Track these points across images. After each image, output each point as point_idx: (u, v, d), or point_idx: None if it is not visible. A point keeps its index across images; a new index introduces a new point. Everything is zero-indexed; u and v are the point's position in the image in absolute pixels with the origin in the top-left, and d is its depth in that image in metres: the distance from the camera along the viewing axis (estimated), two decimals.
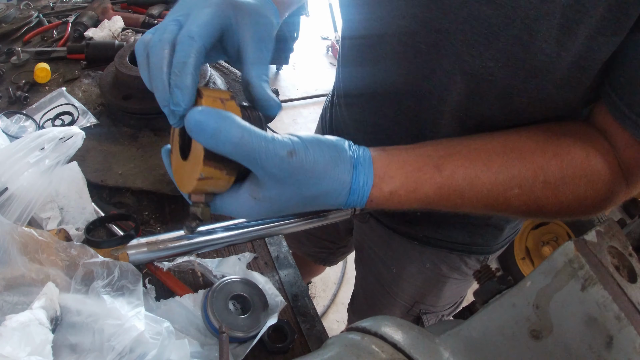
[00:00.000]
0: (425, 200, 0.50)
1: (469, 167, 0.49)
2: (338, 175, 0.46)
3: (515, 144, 0.52)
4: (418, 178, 0.49)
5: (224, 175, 0.44)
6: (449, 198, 0.50)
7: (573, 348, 0.30)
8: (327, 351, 0.38)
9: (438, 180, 0.49)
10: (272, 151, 0.42)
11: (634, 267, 0.32)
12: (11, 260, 0.56)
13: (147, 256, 0.65)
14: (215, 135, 0.39)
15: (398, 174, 0.49)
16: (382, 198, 0.49)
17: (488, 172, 0.50)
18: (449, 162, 0.50)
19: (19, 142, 0.66)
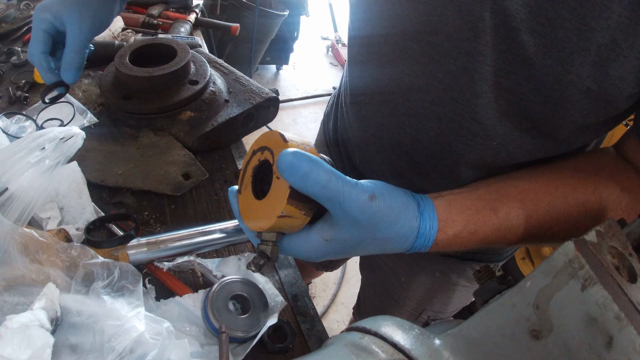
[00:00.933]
0: (484, 240, 0.53)
1: (521, 207, 0.53)
2: (409, 220, 0.48)
3: (559, 183, 0.55)
4: (477, 220, 0.52)
5: (302, 215, 0.46)
6: (505, 237, 0.53)
7: (573, 348, 0.30)
8: (327, 351, 0.38)
9: (495, 222, 0.52)
10: (355, 195, 0.44)
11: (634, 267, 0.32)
12: (11, 260, 0.56)
13: (147, 256, 0.65)
14: (305, 176, 0.42)
15: (459, 218, 0.51)
16: (446, 241, 0.51)
17: (538, 212, 0.53)
18: (503, 205, 0.53)
19: (19, 142, 0.66)
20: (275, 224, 0.46)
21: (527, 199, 0.53)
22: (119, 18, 1.22)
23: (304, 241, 0.49)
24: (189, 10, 1.39)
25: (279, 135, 0.47)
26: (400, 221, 0.48)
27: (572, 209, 0.53)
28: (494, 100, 0.55)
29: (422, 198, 0.52)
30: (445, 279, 0.91)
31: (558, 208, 0.53)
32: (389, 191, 0.48)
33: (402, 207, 0.48)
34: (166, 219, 0.81)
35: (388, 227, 0.47)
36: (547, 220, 0.53)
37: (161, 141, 0.88)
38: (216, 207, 0.85)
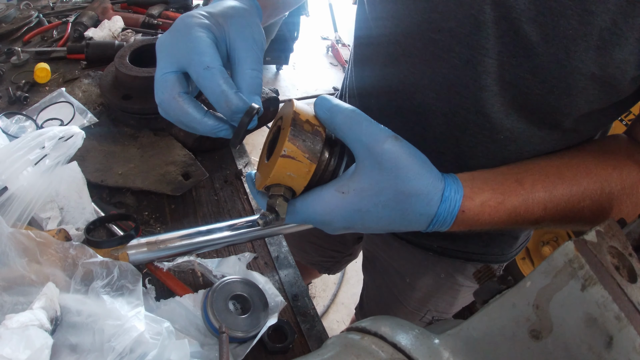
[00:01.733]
0: (513, 212, 0.50)
1: (546, 180, 0.51)
2: (433, 178, 0.45)
3: (579, 160, 0.54)
4: (504, 191, 0.49)
5: (305, 158, 0.45)
6: (533, 211, 0.51)
7: (573, 348, 0.30)
8: (327, 351, 0.38)
9: (521, 192, 0.50)
10: (378, 131, 0.43)
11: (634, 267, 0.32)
12: (10, 261, 0.56)
13: (147, 256, 0.65)
14: (332, 108, 0.44)
15: (485, 187, 0.49)
16: (474, 209, 0.48)
17: (562, 185, 0.51)
18: (527, 177, 0.51)
19: (19, 140, 0.66)
20: (278, 168, 0.44)
21: (550, 173, 0.52)
22: (119, 18, 1.22)
23: (318, 198, 0.46)
24: (189, 10, 1.39)
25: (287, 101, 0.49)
26: (424, 176, 0.44)
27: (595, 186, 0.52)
28: (499, 93, 0.55)
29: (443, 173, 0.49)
30: (450, 280, 0.91)
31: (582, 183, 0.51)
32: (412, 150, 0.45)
33: (424, 163, 0.45)
34: (166, 219, 0.81)
35: (413, 178, 0.44)
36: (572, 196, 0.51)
37: (161, 141, 0.88)
38: (216, 207, 0.85)
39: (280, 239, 0.81)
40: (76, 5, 1.37)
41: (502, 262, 0.89)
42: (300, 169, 0.45)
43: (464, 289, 0.93)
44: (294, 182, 0.46)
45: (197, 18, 0.49)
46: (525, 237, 0.89)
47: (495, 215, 0.49)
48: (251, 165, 0.95)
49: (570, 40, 0.47)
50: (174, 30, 0.50)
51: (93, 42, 1.11)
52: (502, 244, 0.85)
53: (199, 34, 0.48)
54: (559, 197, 0.51)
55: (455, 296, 0.95)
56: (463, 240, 0.84)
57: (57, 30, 1.25)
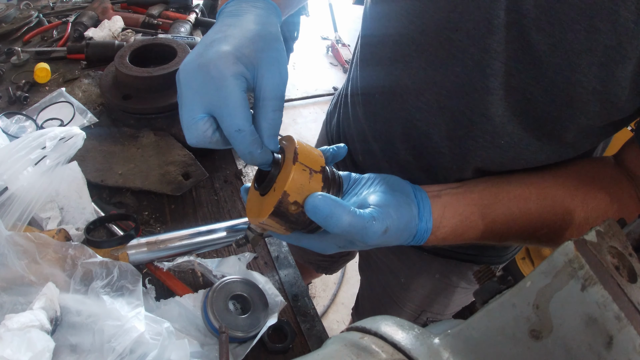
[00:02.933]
0: (468, 241, 0.58)
1: (508, 214, 0.57)
2: (409, 231, 0.53)
3: (549, 191, 0.58)
4: (466, 226, 0.57)
5: (283, 229, 0.51)
6: (489, 239, 0.59)
7: (573, 348, 0.30)
8: (327, 351, 0.38)
9: (481, 228, 0.57)
10: (372, 232, 0.49)
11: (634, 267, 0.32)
12: (9, 262, 0.56)
13: (147, 256, 0.65)
14: (327, 219, 0.47)
15: (450, 224, 0.56)
16: (434, 241, 0.56)
17: (522, 218, 0.57)
18: (491, 211, 0.57)
19: (20, 141, 0.66)
20: (258, 226, 0.52)
21: (516, 206, 0.57)
22: (119, 18, 1.22)
23: (319, 244, 0.55)
24: (189, 10, 1.39)
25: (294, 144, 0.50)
26: (404, 236, 0.53)
27: (557, 218, 0.57)
28: (504, 98, 0.56)
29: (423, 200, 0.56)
30: (445, 280, 0.91)
31: (544, 217, 0.57)
32: (398, 214, 0.51)
33: (406, 224, 0.52)
34: (166, 219, 0.81)
35: (396, 240, 0.53)
36: (531, 226, 0.58)
37: (161, 141, 0.88)
38: (216, 207, 0.85)
39: (280, 239, 0.81)
40: (76, 5, 1.37)
41: (497, 264, 0.89)
42: (279, 230, 0.52)
43: (458, 290, 0.93)
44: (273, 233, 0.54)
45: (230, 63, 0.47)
46: None
47: (452, 243, 0.58)
48: (251, 165, 0.95)
49: (576, 54, 0.48)
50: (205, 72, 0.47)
51: (93, 42, 1.11)
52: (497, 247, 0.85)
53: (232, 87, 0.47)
54: (515, 228, 0.58)
55: (450, 297, 0.95)
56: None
57: (57, 30, 1.25)
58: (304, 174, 0.49)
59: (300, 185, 0.48)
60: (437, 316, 1.00)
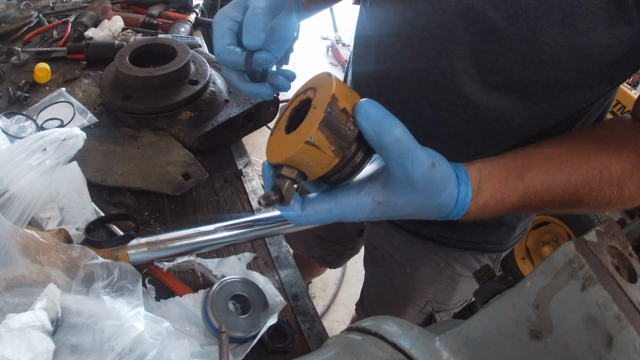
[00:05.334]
0: (510, 207, 0.55)
1: (546, 173, 0.54)
2: (452, 190, 0.50)
3: (580, 148, 0.56)
4: (504, 189, 0.54)
5: (330, 150, 0.42)
6: (531, 203, 0.55)
7: (573, 348, 0.30)
8: (327, 351, 0.38)
9: (521, 189, 0.54)
10: (422, 158, 0.45)
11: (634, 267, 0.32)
12: (12, 261, 0.56)
13: (147, 256, 0.65)
14: (381, 122, 0.42)
15: (488, 187, 0.53)
16: (476, 210, 0.53)
17: (561, 176, 0.54)
18: (528, 171, 0.54)
19: (21, 143, 0.66)
20: (299, 152, 0.42)
21: (550, 164, 0.55)
22: (119, 18, 1.22)
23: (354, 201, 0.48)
24: (189, 10, 1.39)
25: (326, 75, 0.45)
26: (447, 191, 0.49)
27: (594, 172, 0.54)
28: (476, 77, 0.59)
29: (459, 167, 0.52)
30: (449, 269, 0.93)
31: (580, 172, 0.54)
32: (442, 160, 0.49)
33: (450, 177, 0.49)
34: (166, 219, 0.81)
35: (438, 195, 0.48)
36: (571, 184, 0.54)
37: (161, 141, 0.88)
38: (216, 207, 0.85)
39: (280, 239, 0.81)
40: (76, 5, 1.37)
41: (499, 252, 0.91)
42: (322, 160, 0.43)
43: (463, 279, 0.95)
44: (310, 169, 0.44)
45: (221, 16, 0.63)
46: (523, 227, 0.91)
47: (494, 211, 0.54)
48: (251, 166, 0.95)
49: (534, 19, 0.51)
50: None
51: (93, 42, 1.11)
52: (500, 234, 0.87)
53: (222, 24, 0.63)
54: (557, 187, 0.54)
55: (454, 286, 0.96)
56: (461, 229, 0.86)
57: (57, 30, 1.25)
58: (345, 87, 0.44)
59: (346, 93, 0.43)
60: (442, 306, 1.02)
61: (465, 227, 0.86)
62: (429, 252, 0.92)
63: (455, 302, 1.02)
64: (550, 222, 2.21)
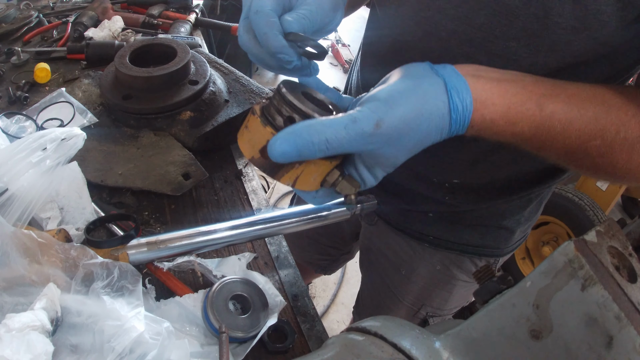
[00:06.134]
0: (520, 134, 0.50)
1: (567, 112, 0.50)
2: (433, 113, 0.46)
3: (604, 97, 0.52)
4: (520, 111, 0.49)
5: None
6: (541, 138, 0.51)
7: (573, 348, 0.30)
8: (327, 351, 0.38)
9: (538, 119, 0.49)
10: (358, 133, 0.43)
11: (634, 267, 0.32)
12: (11, 261, 0.56)
13: (147, 256, 0.65)
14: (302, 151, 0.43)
15: (500, 102, 0.48)
16: (482, 125, 0.49)
17: (580, 120, 0.50)
18: (550, 102, 0.49)
19: (21, 142, 0.66)
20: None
21: (573, 104, 0.50)
22: (119, 18, 1.22)
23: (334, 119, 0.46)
24: (189, 10, 1.39)
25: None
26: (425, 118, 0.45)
27: (611, 127, 0.51)
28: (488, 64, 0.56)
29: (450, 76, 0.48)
30: (446, 272, 0.91)
31: (599, 122, 0.50)
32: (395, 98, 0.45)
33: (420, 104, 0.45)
34: (166, 219, 0.81)
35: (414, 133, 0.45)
36: (586, 132, 0.50)
37: (161, 141, 0.88)
38: (216, 207, 0.85)
39: (280, 239, 0.81)
40: (76, 5, 1.37)
41: (497, 257, 0.90)
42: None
43: (460, 284, 0.93)
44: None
45: None
46: (522, 233, 0.90)
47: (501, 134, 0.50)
48: (251, 165, 0.95)
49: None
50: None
51: (93, 42, 1.11)
52: (499, 237, 0.86)
53: None
54: (571, 131, 0.50)
55: (450, 291, 0.95)
56: (459, 230, 0.85)
57: (57, 30, 1.25)
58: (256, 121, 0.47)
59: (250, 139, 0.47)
60: (437, 311, 1.00)
61: (463, 229, 0.85)
62: (425, 254, 0.91)
63: (450, 308, 1.01)
64: (550, 222, 2.21)
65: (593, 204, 1.98)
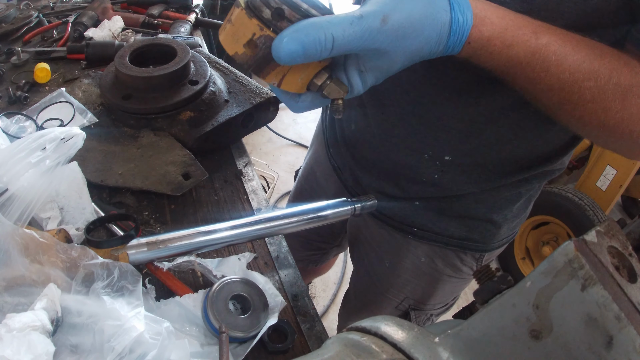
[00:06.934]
0: (515, 60, 0.50)
1: (562, 45, 0.50)
2: (437, 18, 0.45)
3: (597, 45, 0.53)
4: (516, 35, 0.49)
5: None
6: (535, 68, 0.51)
7: (573, 348, 0.30)
8: (327, 351, 0.38)
9: (533, 45, 0.50)
10: (365, 29, 0.42)
11: (634, 267, 0.32)
12: (11, 261, 0.56)
13: (147, 256, 0.65)
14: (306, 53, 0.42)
15: (498, 22, 0.49)
16: (479, 42, 0.49)
17: (575, 56, 0.50)
18: (545, 33, 0.50)
19: (21, 142, 0.66)
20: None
21: (568, 41, 0.51)
22: (119, 18, 1.22)
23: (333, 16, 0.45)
24: (189, 10, 1.39)
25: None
26: (428, 23, 0.45)
27: (605, 70, 0.51)
28: None
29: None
30: (431, 265, 0.91)
31: (594, 63, 0.51)
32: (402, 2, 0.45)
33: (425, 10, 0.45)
34: (166, 219, 0.81)
35: (417, 36, 0.45)
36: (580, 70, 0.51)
37: (161, 141, 0.88)
38: (216, 207, 0.85)
39: (280, 239, 0.81)
40: (76, 5, 1.37)
41: (483, 252, 0.89)
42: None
43: (444, 278, 0.93)
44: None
45: None
46: (510, 231, 0.90)
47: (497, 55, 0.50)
48: (251, 166, 0.95)
49: None
50: None
51: (93, 42, 1.11)
52: (484, 232, 0.86)
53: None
54: (565, 65, 0.50)
55: (435, 285, 0.95)
56: (445, 222, 0.85)
57: (57, 30, 1.25)
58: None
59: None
60: (420, 305, 1.00)
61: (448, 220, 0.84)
62: (410, 246, 0.91)
63: (434, 304, 1.00)
64: (550, 222, 2.21)
65: (593, 204, 1.98)
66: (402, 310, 1.01)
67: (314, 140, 1.13)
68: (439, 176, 0.78)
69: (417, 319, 1.01)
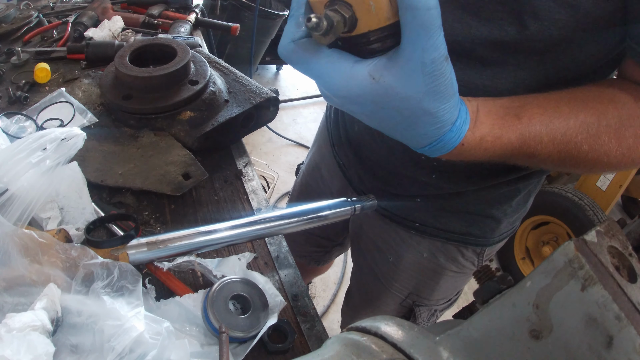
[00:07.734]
0: (509, 147, 0.52)
1: (543, 113, 0.53)
2: (454, 107, 0.46)
3: (576, 94, 0.55)
4: (502, 125, 0.51)
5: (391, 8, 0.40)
6: (529, 145, 0.53)
7: (573, 348, 0.30)
8: (327, 351, 0.38)
9: (519, 127, 0.52)
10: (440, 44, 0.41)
11: (634, 267, 0.32)
12: (11, 261, 0.56)
13: (147, 256, 0.65)
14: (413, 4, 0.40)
15: (486, 121, 0.51)
16: (473, 142, 0.50)
17: (560, 117, 0.53)
18: (525, 111, 0.53)
19: (21, 142, 0.66)
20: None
21: (548, 105, 0.53)
22: (119, 18, 1.22)
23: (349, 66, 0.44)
24: (189, 10, 1.39)
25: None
26: (451, 101, 0.45)
27: (591, 118, 0.53)
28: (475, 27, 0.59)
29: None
30: (432, 260, 0.93)
31: (579, 117, 0.53)
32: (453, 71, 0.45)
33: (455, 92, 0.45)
34: (166, 219, 0.81)
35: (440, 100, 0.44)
36: (569, 128, 0.53)
37: (161, 141, 0.88)
38: (216, 207, 0.85)
39: (280, 239, 0.81)
40: (76, 5, 1.37)
41: (483, 246, 0.90)
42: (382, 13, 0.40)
43: (446, 272, 0.94)
44: (365, 18, 0.40)
45: None
46: (510, 225, 0.90)
47: (491, 149, 0.52)
48: (251, 166, 0.95)
49: None
50: None
51: (93, 42, 1.11)
52: (484, 226, 0.87)
53: None
54: (555, 130, 0.53)
55: (437, 281, 0.96)
56: (445, 217, 0.86)
57: (57, 30, 1.25)
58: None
59: None
60: (424, 301, 1.01)
61: (449, 216, 0.86)
62: (412, 241, 0.92)
63: (437, 299, 1.01)
64: (550, 222, 2.21)
65: (593, 204, 1.98)
66: (407, 306, 1.02)
67: (317, 137, 1.14)
68: (436, 176, 0.79)
69: (422, 315, 1.02)
